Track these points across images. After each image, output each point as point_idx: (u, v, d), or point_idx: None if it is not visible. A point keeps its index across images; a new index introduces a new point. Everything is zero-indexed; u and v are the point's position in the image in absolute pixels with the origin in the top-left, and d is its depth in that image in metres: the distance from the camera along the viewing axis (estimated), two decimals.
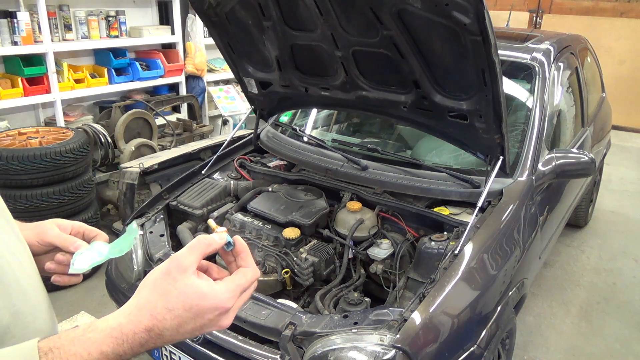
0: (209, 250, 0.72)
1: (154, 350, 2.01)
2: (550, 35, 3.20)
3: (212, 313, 0.68)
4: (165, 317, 0.66)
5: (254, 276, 0.75)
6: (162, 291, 0.67)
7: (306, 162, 2.54)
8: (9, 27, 3.77)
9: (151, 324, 0.66)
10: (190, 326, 0.68)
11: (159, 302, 0.67)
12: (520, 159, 2.31)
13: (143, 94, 4.88)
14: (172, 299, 0.66)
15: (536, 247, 2.32)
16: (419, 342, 1.54)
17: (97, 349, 0.64)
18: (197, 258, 0.70)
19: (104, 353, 0.64)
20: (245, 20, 2.23)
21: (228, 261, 0.78)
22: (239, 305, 0.72)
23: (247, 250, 0.77)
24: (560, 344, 2.89)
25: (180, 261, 0.69)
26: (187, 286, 0.67)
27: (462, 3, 1.55)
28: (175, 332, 0.67)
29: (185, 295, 0.67)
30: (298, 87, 2.41)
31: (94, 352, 0.63)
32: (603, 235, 4.16)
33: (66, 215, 3.10)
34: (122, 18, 4.59)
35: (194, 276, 0.68)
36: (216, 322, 0.70)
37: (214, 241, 0.73)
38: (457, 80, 1.91)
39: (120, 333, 0.65)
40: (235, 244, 0.76)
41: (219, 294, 0.69)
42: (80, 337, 0.64)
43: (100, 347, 0.64)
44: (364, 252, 2.11)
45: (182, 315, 0.67)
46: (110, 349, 0.64)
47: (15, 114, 4.15)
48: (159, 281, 0.68)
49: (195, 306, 0.67)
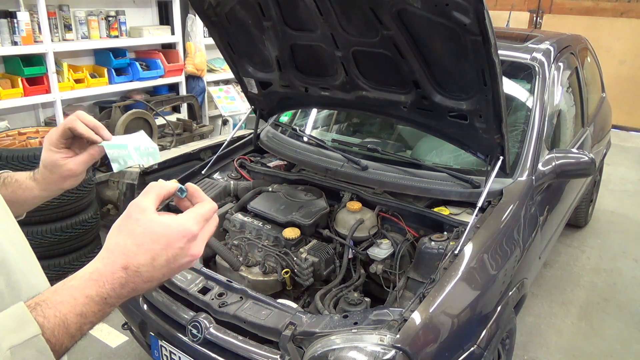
0: (163, 192, 0.75)
1: (154, 350, 2.01)
2: (550, 35, 3.20)
3: (181, 241, 0.70)
4: (136, 252, 0.68)
5: (212, 206, 0.77)
6: (128, 232, 0.70)
7: (306, 162, 2.54)
8: (9, 27, 3.77)
9: (125, 261, 0.68)
10: (163, 258, 0.69)
11: (127, 241, 0.69)
12: (520, 159, 2.31)
13: (143, 94, 4.88)
14: (139, 236, 0.69)
15: (536, 247, 2.31)
16: (419, 342, 1.54)
17: (82, 293, 0.66)
18: (153, 199, 0.72)
19: (89, 296, 0.66)
20: (245, 20, 2.23)
21: (185, 207, 0.79)
22: (206, 234, 0.75)
23: (200, 190, 0.80)
24: (560, 344, 2.89)
25: (139, 204, 0.72)
26: (150, 221, 0.70)
27: (462, 3, 1.55)
28: (150, 266, 0.69)
29: (150, 229, 0.69)
30: (298, 87, 2.41)
31: (79, 297, 0.65)
32: (603, 235, 4.16)
33: (66, 215, 3.10)
34: (122, 18, 4.59)
35: (154, 214, 0.71)
36: (187, 250, 0.71)
37: (165, 184, 0.76)
38: (457, 80, 1.91)
39: (99, 275, 0.67)
40: (187, 189, 0.79)
41: (182, 221, 0.72)
42: (62, 287, 0.66)
43: (83, 291, 0.66)
44: (364, 252, 2.11)
45: (153, 248, 0.69)
46: (94, 292, 0.66)
47: (15, 114, 4.15)
48: (123, 225, 0.71)
49: (162, 237, 0.69)
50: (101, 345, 2.77)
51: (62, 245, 3.13)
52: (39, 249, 3.06)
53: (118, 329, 2.80)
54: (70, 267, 3.18)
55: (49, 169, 0.99)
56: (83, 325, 0.66)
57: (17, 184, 1.02)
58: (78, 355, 2.65)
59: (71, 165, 0.99)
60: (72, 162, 0.99)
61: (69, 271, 3.18)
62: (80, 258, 3.24)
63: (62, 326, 0.64)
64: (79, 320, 0.65)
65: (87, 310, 0.66)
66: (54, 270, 3.11)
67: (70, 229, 3.13)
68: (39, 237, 3.03)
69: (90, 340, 2.76)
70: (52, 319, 0.63)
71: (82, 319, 0.65)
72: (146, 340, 2.08)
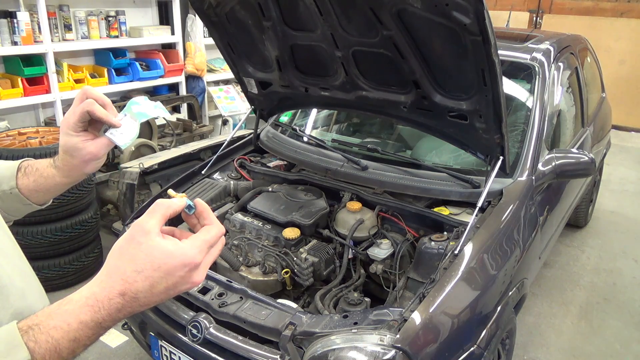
0: (170, 212, 0.72)
1: (154, 350, 2.01)
2: (550, 35, 3.20)
3: (182, 270, 0.68)
4: (136, 279, 0.66)
5: (219, 231, 0.75)
6: (129, 256, 0.67)
7: (306, 162, 2.54)
8: (9, 27, 3.77)
9: (123, 287, 0.66)
10: (162, 285, 0.68)
11: (127, 266, 0.67)
12: (520, 159, 2.31)
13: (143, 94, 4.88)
14: (140, 261, 0.67)
15: (536, 247, 2.31)
16: (419, 342, 1.54)
17: (76, 319, 0.64)
18: (158, 221, 0.70)
19: (83, 322, 0.64)
20: (245, 20, 2.23)
21: (192, 224, 0.78)
22: (209, 261, 0.73)
23: (209, 210, 0.78)
24: (560, 344, 2.89)
25: (143, 225, 0.69)
26: (152, 247, 0.67)
27: (462, 3, 1.55)
28: (149, 293, 0.68)
29: (152, 256, 0.67)
30: (298, 87, 2.41)
31: (73, 323, 0.64)
32: (603, 235, 4.16)
33: (66, 215, 3.10)
34: (122, 18, 4.59)
35: (158, 237, 0.68)
36: (188, 278, 0.69)
37: (173, 203, 0.73)
38: (457, 80, 1.91)
39: (95, 301, 0.66)
40: (196, 206, 0.77)
41: (186, 250, 0.69)
42: (57, 310, 0.65)
43: (78, 316, 0.64)
44: (364, 252, 2.11)
45: (153, 276, 0.67)
46: (89, 317, 0.65)
47: (15, 114, 4.15)
48: (125, 247, 0.68)
49: (163, 265, 0.67)
50: (101, 345, 2.77)
51: (62, 245, 3.13)
52: (39, 249, 3.06)
53: (118, 329, 2.79)
54: (70, 267, 3.18)
55: (69, 154, 0.96)
56: (76, 349, 0.65)
57: (38, 173, 1.00)
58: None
59: (92, 148, 0.95)
60: (92, 145, 0.95)
61: (69, 271, 3.18)
62: (80, 258, 3.24)
63: (54, 351, 0.63)
64: (72, 345, 0.64)
65: (81, 335, 0.65)
66: (54, 270, 3.11)
67: (70, 229, 3.13)
68: (39, 237, 3.03)
69: None
70: (44, 344, 0.62)
71: (75, 344, 0.65)
72: (146, 340, 2.08)
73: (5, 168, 1.01)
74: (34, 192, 1.00)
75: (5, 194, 0.99)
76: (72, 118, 0.93)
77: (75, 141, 0.94)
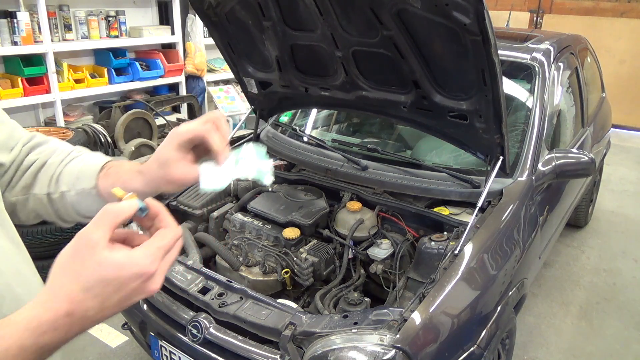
0: (118, 220, 0.65)
1: (154, 350, 2.01)
2: (550, 35, 3.20)
3: (136, 281, 0.63)
4: (83, 298, 0.61)
5: (175, 235, 0.68)
6: (74, 274, 0.62)
7: (306, 162, 2.54)
8: (9, 27, 3.77)
9: (70, 308, 0.61)
10: (114, 299, 0.63)
11: (73, 285, 0.61)
12: (520, 159, 2.31)
13: (143, 94, 4.89)
14: (87, 279, 0.61)
15: (536, 247, 2.31)
16: (419, 342, 1.54)
17: (16, 344, 0.58)
18: (105, 232, 0.63)
19: (23, 347, 0.59)
20: (245, 20, 2.23)
21: (146, 226, 0.72)
22: (165, 268, 0.67)
23: (164, 211, 0.71)
24: (560, 344, 2.89)
25: (88, 238, 0.63)
26: (99, 263, 0.61)
27: (462, 3, 1.55)
28: (99, 310, 0.63)
29: (99, 272, 0.61)
30: (298, 87, 2.41)
31: (13, 348, 0.58)
32: (603, 235, 4.16)
33: None
34: (122, 18, 4.59)
35: (105, 250, 0.62)
36: (143, 289, 0.65)
37: (123, 209, 0.66)
38: (457, 80, 1.91)
39: (38, 324, 0.60)
40: (149, 207, 0.70)
41: (139, 260, 0.63)
42: None
43: (18, 341, 0.59)
44: (364, 252, 2.11)
45: (102, 293, 0.62)
46: (31, 342, 0.59)
47: (15, 114, 4.15)
48: (69, 263, 0.63)
49: (114, 280, 0.62)
50: (101, 345, 2.77)
51: (62, 245, 3.11)
52: (39, 249, 3.06)
53: (118, 329, 2.79)
54: None
55: (158, 164, 0.85)
56: None
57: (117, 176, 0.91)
58: (78, 355, 2.65)
59: (178, 171, 0.84)
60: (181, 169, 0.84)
61: None
62: None
63: None
64: None
65: None
66: None
67: (70, 229, 3.11)
68: (39, 237, 3.03)
69: (90, 340, 2.75)
70: None
71: None
72: (146, 340, 2.08)
73: (90, 165, 0.94)
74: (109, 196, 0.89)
75: (84, 191, 0.92)
76: (185, 135, 0.82)
77: (170, 156, 0.84)
